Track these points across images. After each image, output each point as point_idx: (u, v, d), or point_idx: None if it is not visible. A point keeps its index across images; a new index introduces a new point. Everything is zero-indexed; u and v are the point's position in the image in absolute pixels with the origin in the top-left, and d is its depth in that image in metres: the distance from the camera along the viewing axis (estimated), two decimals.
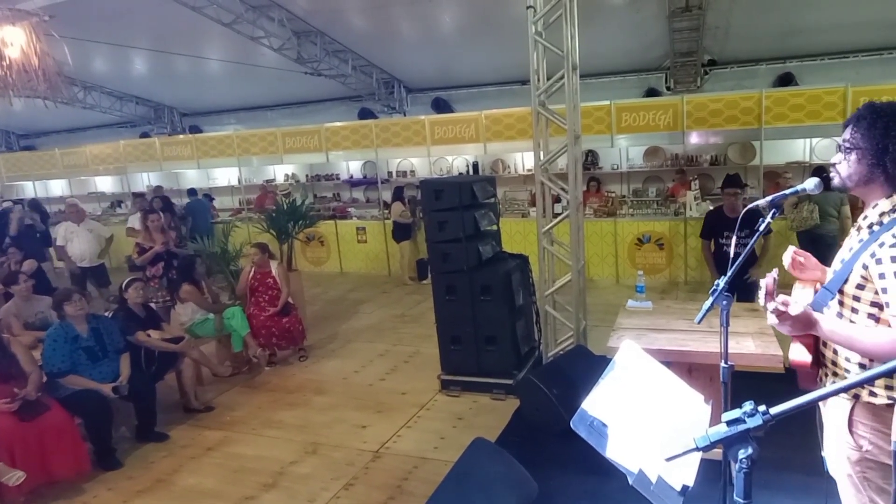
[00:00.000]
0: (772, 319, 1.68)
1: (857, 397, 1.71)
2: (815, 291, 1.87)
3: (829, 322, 1.69)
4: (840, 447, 1.78)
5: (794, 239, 6.52)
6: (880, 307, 1.65)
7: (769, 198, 1.88)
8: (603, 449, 1.61)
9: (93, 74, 11.27)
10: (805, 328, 1.67)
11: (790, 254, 2.01)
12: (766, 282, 1.78)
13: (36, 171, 12.86)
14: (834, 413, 1.78)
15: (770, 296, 1.74)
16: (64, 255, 7.12)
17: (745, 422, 1.13)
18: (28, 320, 4.78)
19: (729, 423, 1.15)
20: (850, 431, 1.72)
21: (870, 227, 1.71)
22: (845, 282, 1.71)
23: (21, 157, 13.43)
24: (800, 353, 1.78)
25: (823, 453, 1.95)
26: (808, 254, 2.02)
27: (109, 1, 7.55)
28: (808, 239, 6.21)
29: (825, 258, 1.98)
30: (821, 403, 1.86)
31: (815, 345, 1.82)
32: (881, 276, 1.60)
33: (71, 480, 3.72)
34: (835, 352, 1.78)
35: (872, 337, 1.61)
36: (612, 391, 1.74)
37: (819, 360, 1.83)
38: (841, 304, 1.75)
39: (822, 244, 6.14)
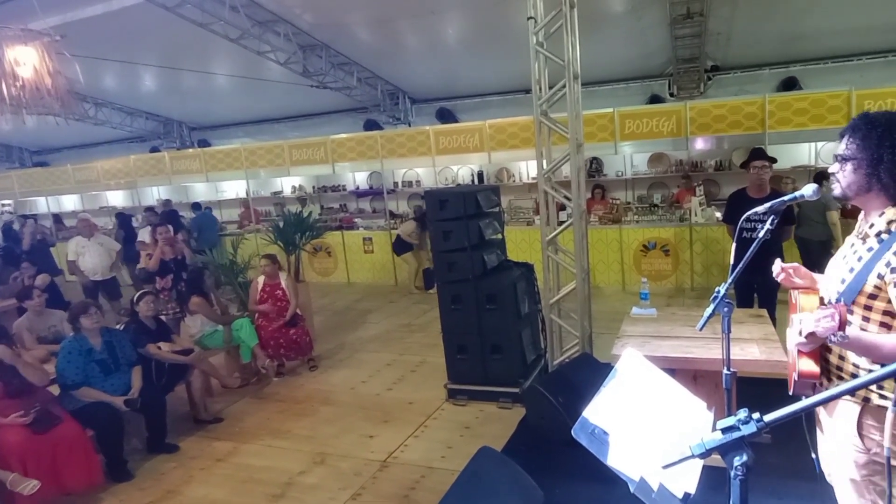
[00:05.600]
0: (796, 338, 1.70)
1: (867, 400, 1.70)
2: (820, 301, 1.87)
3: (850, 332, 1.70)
4: (845, 451, 1.78)
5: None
6: (892, 315, 1.67)
7: (768, 204, 1.90)
8: (604, 457, 1.62)
9: (103, 91, 11.46)
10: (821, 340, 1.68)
11: (778, 267, 2.02)
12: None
13: (49, 186, 13.05)
14: (841, 417, 1.78)
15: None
16: (76, 269, 7.20)
17: (739, 429, 1.14)
18: (41, 334, 4.86)
19: (724, 430, 1.16)
20: (860, 434, 1.72)
21: (877, 235, 1.72)
22: (860, 292, 1.71)
23: (34, 173, 13.65)
24: (809, 365, 1.77)
25: (813, 455, 1.96)
26: (796, 264, 2.04)
27: (119, 19, 7.69)
28: (798, 244, 6.32)
29: (814, 263, 1.99)
30: (822, 408, 1.86)
31: (821, 354, 1.81)
32: None
33: (83, 492, 3.76)
34: (841, 358, 1.78)
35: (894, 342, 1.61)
36: (614, 399, 1.75)
37: (823, 367, 1.83)
38: (851, 312, 1.75)
39: (809, 248, 6.25)
